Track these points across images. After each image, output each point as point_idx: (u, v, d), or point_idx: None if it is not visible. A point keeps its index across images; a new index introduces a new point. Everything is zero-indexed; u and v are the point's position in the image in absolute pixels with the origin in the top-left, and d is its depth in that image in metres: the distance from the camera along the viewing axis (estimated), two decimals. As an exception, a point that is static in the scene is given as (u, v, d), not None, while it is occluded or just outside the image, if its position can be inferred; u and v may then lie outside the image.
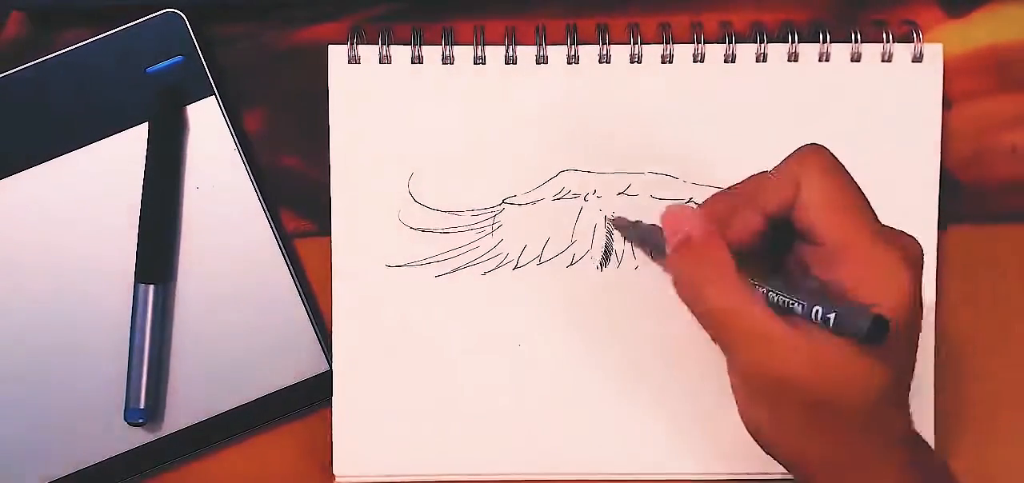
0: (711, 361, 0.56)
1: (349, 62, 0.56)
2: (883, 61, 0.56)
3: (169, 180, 0.56)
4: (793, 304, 0.44)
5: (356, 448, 0.57)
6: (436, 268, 0.56)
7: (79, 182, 0.56)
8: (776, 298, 0.44)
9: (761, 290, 0.45)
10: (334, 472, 0.57)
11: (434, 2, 0.57)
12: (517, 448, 0.57)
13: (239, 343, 0.57)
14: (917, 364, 0.56)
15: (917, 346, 0.45)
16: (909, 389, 0.46)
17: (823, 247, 0.44)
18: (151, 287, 0.56)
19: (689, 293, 0.45)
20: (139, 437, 0.57)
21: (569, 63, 0.56)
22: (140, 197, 0.56)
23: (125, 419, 0.56)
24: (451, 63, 0.56)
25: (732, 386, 0.46)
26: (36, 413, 0.56)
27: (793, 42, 0.56)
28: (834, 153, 0.46)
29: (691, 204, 0.54)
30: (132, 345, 0.56)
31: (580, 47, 0.56)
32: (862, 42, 0.56)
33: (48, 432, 0.56)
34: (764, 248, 0.46)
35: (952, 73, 0.57)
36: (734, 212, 0.46)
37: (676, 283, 0.46)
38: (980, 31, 0.58)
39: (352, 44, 0.56)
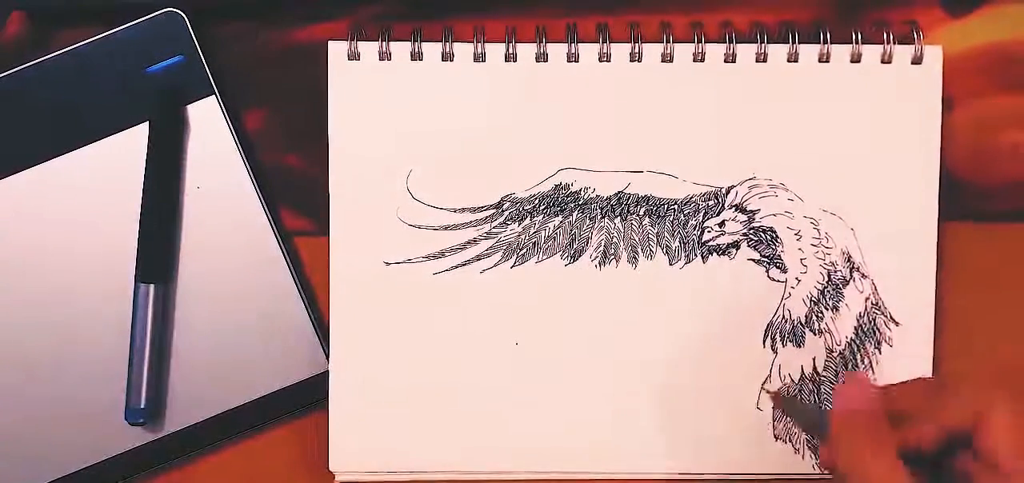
0: (708, 361, 0.57)
1: (349, 58, 0.56)
2: (883, 62, 0.56)
3: (169, 180, 0.56)
4: None
5: (353, 445, 0.57)
6: (434, 265, 0.56)
7: (79, 182, 0.56)
8: None
9: None
10: (330, 468, 0.57)
11: (434, 2, 0.57)
12: (514, 446, 0.57)
13: (239, 343, 0.57)
14: (915, 363, 0.56)
15: None
16: None
17: (998, 472, 0.45)
18: (151, 287, 0.56)
19: (849, 463, 0.46)
20: (139, 437, 0.57)
21: (569, 61, 0.56)
22: (140, 197, 0.56)
23: (125, 419, 0.56)
24: (451, 60, 0.56)
25: None
26: (36, 413, 0.56)
27: (793, 42, 0.56)
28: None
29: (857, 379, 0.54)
30: (132, 345, 0.56)
31: (580, 46, 0.56)
32: (862, 43, 0.56)
33: (48, 432, 0.56)
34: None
35: (953, 72, 0.57)
36: (910, 414, 0.47)
37: (834, 451, 0.47)
38: (981, 30, 0.57)
39: (352, 40, 0.56)
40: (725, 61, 0.56)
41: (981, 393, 0.46)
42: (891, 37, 0.56)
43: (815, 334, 0.57)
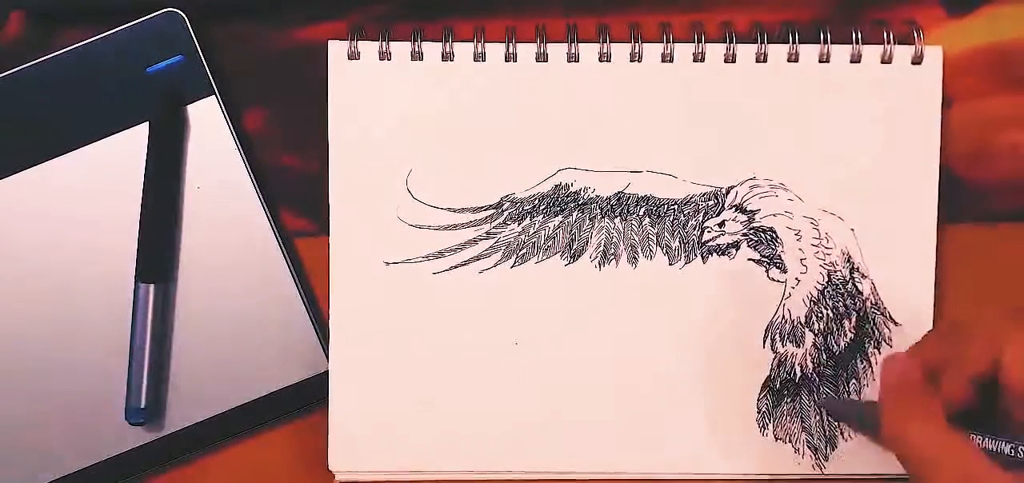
0: (708, 361, 0.57)
1: (349, 58, 0.56)
2: (883, 62, 0.56)
3: (169, 180, 0.56)
4: (1004, 445, 0.46)
5: (352, 445, 0.56)
6: (434, 265, 0.56)
7: (79, 182, 0.56)
8: (990, 445, 0.47)
9: (974, 439, 0.47)
10: (330, 467, 0.57)
11: (434, 2, 0.57)
12: (513, 446, 0.57)
13: (239, 343, 0.57)
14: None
15: None
16: None
17: None
18: (151, 287, 0.56)
19: (895, 432, 0.47)
20: (139, 437, 0.57)
21: (569, 61, 0.56)
22: (140, 197, 0.56)
23: (125, 419, 0.56)
24: (451, 60, 0.56)
25: None
26: (36, 413, 0.56)
27: (793, 42, 0.56)
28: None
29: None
30: (132, 345, 0.56)
31: (580, 46, 0.56)
32: (862, 43, 0.56)
33: (48, 432, 0.56)
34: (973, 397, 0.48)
35: (953, 72, 0.57)
36: (944, 365, 0.48)
37: (887, 433, 0.48)
38: (981, 30, 0.57)
39: (352, 40, 0.56)
40: (725, 61, 0.56)
41: (994, 333, 0.47)
42: (891, 37, 0.56)
43: (815, 334, 0.57)
